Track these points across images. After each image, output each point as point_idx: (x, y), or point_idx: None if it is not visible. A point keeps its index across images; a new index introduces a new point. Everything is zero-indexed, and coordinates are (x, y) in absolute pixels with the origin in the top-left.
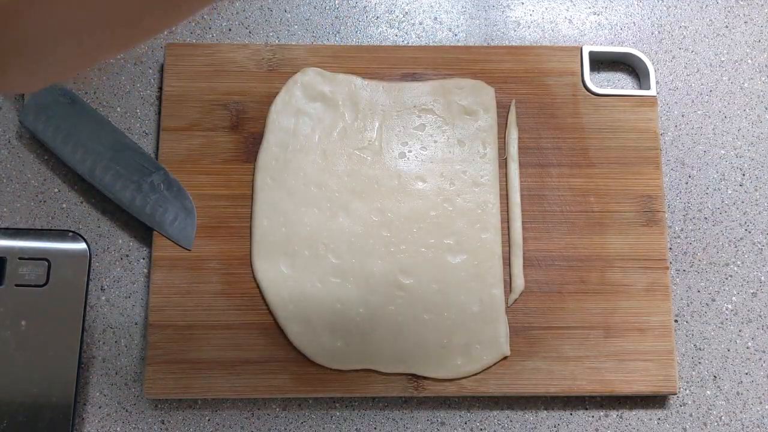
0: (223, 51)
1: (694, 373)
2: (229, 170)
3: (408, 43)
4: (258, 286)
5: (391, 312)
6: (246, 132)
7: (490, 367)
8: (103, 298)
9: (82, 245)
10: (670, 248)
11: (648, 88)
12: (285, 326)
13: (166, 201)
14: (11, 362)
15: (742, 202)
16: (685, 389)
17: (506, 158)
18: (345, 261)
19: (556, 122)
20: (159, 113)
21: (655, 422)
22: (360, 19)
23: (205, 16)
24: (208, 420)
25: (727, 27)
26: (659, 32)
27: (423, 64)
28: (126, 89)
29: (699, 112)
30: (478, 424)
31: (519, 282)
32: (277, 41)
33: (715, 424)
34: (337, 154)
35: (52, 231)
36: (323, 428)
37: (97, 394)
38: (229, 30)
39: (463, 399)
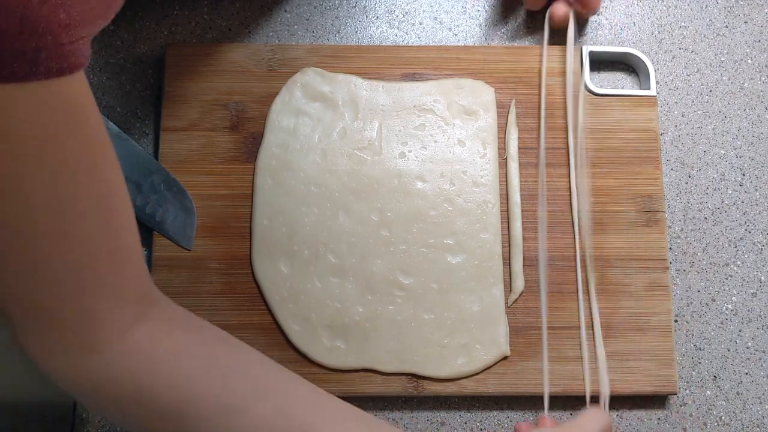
0: (223, 51)
1: (694, 373)
2: (229, 170)
3: (408, 43)
4: (258, 286)
5: (391, 312)
6: (246, 132)
7: (490, 367)
8: None
9: None
10: (670, 248)
11: (648, 88)
12: (285, 326)
13: (166, 201)
14: (11, 362)
15: (742, 202)
16: (685, 389)
17: (506, 158)
18: (345, 261)
19: (556, 122)
20: (159, 113)
21: (655, 422)
22: (360, 19)
23: (205, 16)
24: None
25: (727, 27)
26: (659, 32)
27: (423, 64)
28: (126, 89)
29: (699, 112)
30: (478, 424)
31: (519, 282)
32: (277, 41)
33: (715, 424)
34: (337, 154)
35: None
36: None
37: None
38: (229, 30)
39: (463, 399)
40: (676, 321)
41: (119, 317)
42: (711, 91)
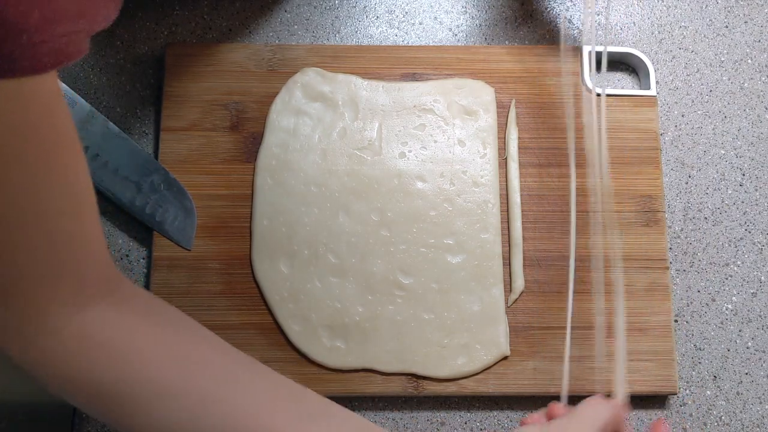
0: (223, 51)
1: (694, 373)
2: (229, 170)
3: (408, 43)
4: (258, 286)
5: (391, 312)
6: (246, 132)
7: (490, 367)
8: None
9: None
10: (670, 248)
11: (648, 88)
12: (285, 326)
13: (166, 201)
14: (11, 362)
15: (742, 202)
16: (685, 389)
17: (506, 158)
18: (345, 261)
19: (556, 122)
20: (159, 113)
21: None
22: (360, 19)
23: (205, 16)
24: None
25: (727, 27)
26: (659, 32)
27: (423, 64)
28: (126, 89)
29: (699, 112)
30: (478, 424)
31: (519, 282)
32: (277, 41)
33: (715, 424)
34: (337, 154)
35: None
36: None
37: None
38: (229, 30)
39: (463, 399)
40: (676, 321)
41: (75, 300)
42: (711, 91)
